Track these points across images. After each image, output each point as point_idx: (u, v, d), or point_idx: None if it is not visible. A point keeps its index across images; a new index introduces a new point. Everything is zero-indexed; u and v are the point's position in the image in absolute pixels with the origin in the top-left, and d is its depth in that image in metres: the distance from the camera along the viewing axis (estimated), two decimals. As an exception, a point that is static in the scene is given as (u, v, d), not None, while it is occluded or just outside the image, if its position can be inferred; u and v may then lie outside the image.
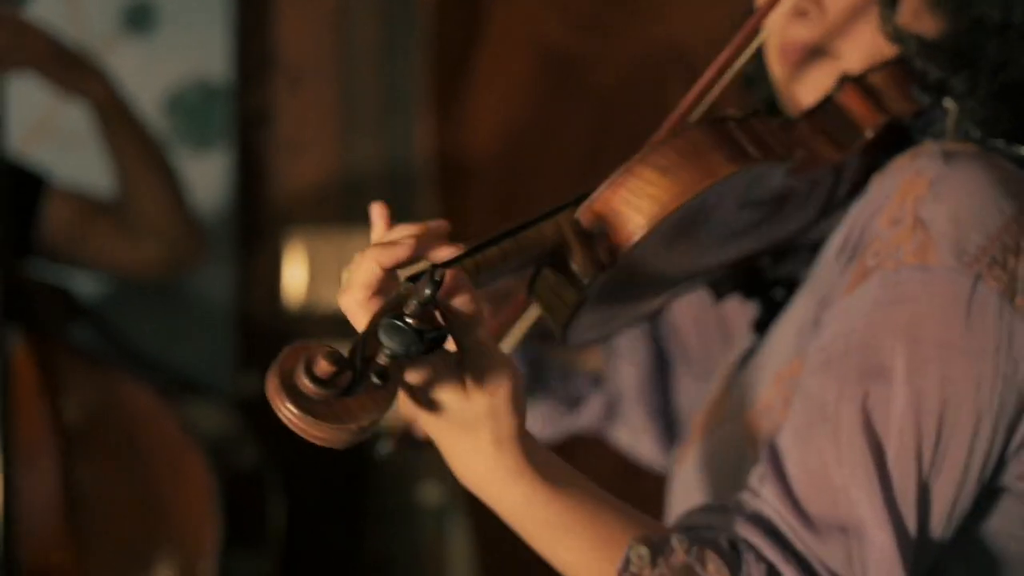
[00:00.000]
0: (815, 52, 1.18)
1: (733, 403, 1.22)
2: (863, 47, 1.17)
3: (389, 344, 0.90)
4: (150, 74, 2.29)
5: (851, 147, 1.15)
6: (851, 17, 1.17)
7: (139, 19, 2.66)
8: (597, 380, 1.53)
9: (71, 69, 2.17)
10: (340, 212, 2.74)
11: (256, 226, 2.72)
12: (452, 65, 2.67)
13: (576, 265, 1.05)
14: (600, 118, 2.66)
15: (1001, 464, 1.07)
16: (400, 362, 0.91)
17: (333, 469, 2.72)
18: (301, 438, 0.90)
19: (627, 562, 1.00)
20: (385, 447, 1.43)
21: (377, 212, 1.12)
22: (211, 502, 2.05)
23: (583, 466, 2.77)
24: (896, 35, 1.15)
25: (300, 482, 2.46)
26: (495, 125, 2.68)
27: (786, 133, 1.13)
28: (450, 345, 0.98)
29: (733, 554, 1.02)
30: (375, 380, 0.91)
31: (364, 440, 0.94)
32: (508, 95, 2.67)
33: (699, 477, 1.24)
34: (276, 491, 2.21)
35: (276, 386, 0.90)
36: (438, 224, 1.09)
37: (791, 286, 1.28)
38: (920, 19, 1.16)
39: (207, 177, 2.52)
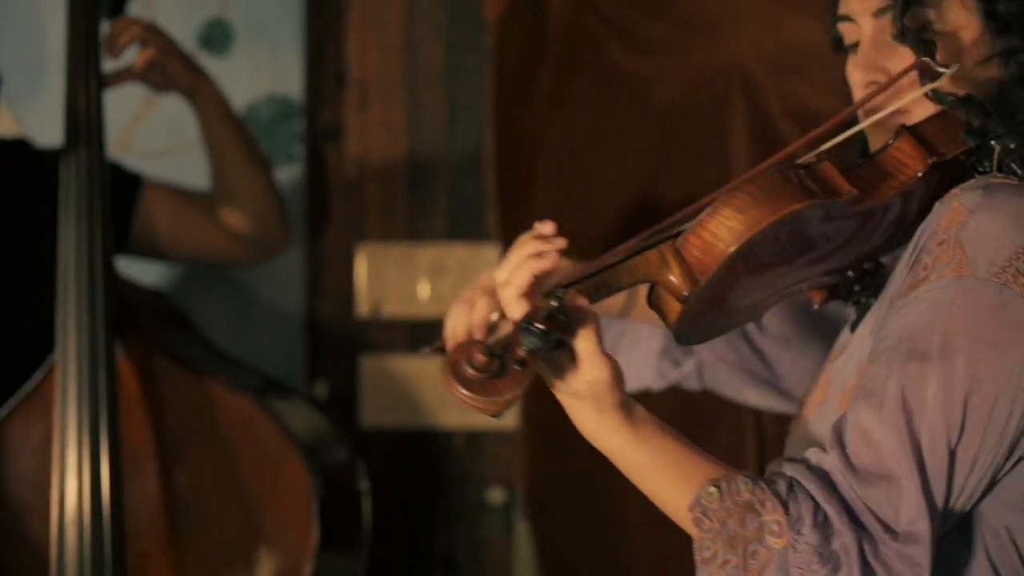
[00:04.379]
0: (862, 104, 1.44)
1: (831, 388, 1.47)
2: (927, 104, 1.42)
3: (526, 342, 1.24)
4: (226, 91, 2.39)
5: (903, 183, 1.40)
6: (914, 81, 1.41)
7: (216, 38, 2.75)
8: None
9: (188, 68, 2.30)
10: (406, 226, 2.83)
11: (326, 238, 2.81)
12: (516, 85, 2.75)
13: (677, 282, 1.34)
14: (660, 138, 2.74)
15: (1018, 440, 1.29)
16: (533, 354, 1.24)
17: (404, 471, 2.80)
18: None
19: (698, 498, 1.28)
20: (426, 350, 1.68)
21: (546, 228, 1.39)
22: (310, 504, 2.11)
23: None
24: (936, 97, 1.41)
25: (373, 483, 2.53)
26: (557, 143, 2.75)
27: (848, 174, 1.39)
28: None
29: (788, 494, 1.27)
30: (516, 367, 1.24)
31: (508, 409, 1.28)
32: (570, 114, 2.74)
33: (802, 444, 1.48)
34: (367, 491, 2.27)
35: (448, 373, 1.25)
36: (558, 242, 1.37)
37: (876, 291, 1.53)
38: (957, 83, 1.40)
39: (280, 190, 2.60)
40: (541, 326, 1.23)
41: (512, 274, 1.32)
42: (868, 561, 1.25)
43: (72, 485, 2.07)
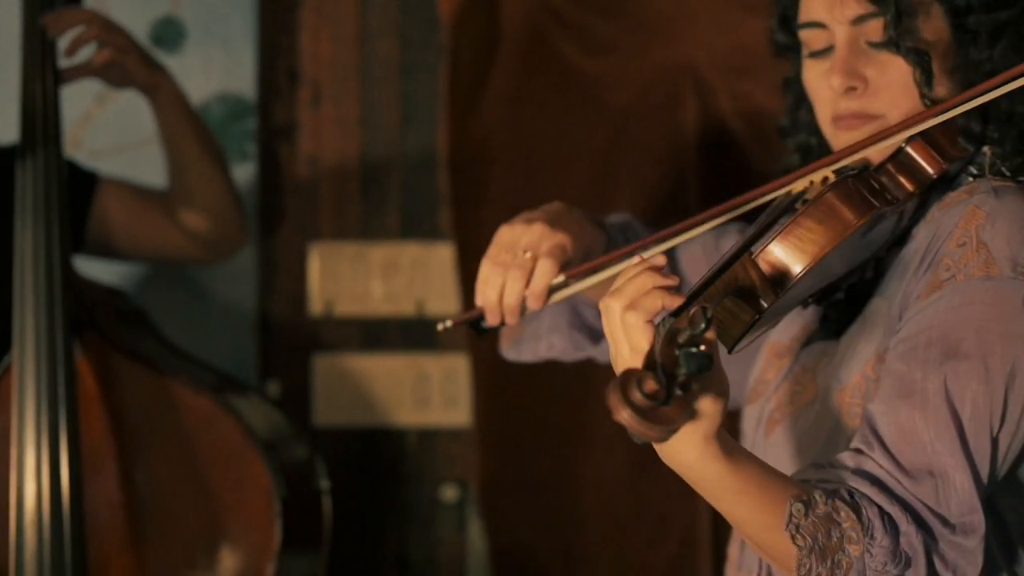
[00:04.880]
0: (864, 118, 1.47)
1: (821, 386, 1.51)
2: (904, 110, 1.46)
3: (690, 365, 1.19)
4: (179, 89, 2.37)
5: (923, 186, 1.45)
6: (891, 88, 1.46)
7: (167, 35, 2.73)
8: None
9: (147, 65, 2.27)
10: (359, 224, 2.82)
11: (279, 237, 2.80)
12: (470, 83, 2.75)
13: (760, 294, 1.37)
14: (614, 137, 2.75)
15: None
16: (693, 377, 1.21)
17: (358, 470, 2.80)
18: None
19: (791, 516, 1.29)
20: (446, 324, 1.66)
21: (658, 260, 1.34)
22: (272, 503, 2.09)
23: (597, 463, 2.84)
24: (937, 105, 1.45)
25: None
26: (512, 142, 2.75)
27: (885, 180, 1.45)
28: None
29: (853, 501, 1.30)
30: (679, 392, 1.20)
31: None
32: (525, 114, 2.75)
33: (797, 444, 1.52)
34: (327, 489, 2.24)
35: (618, 399, 1.18)
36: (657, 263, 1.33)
37: (855, 293, 1.57)
38: (951, 91, 1.46)
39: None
40: (704, 348, 1.20)
41: (640, 299, 1.28)
42: (930, 555, 1.30)
43: (31, 487, 2.04)
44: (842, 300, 1.57)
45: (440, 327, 1.68)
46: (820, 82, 1.50)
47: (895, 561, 1.30)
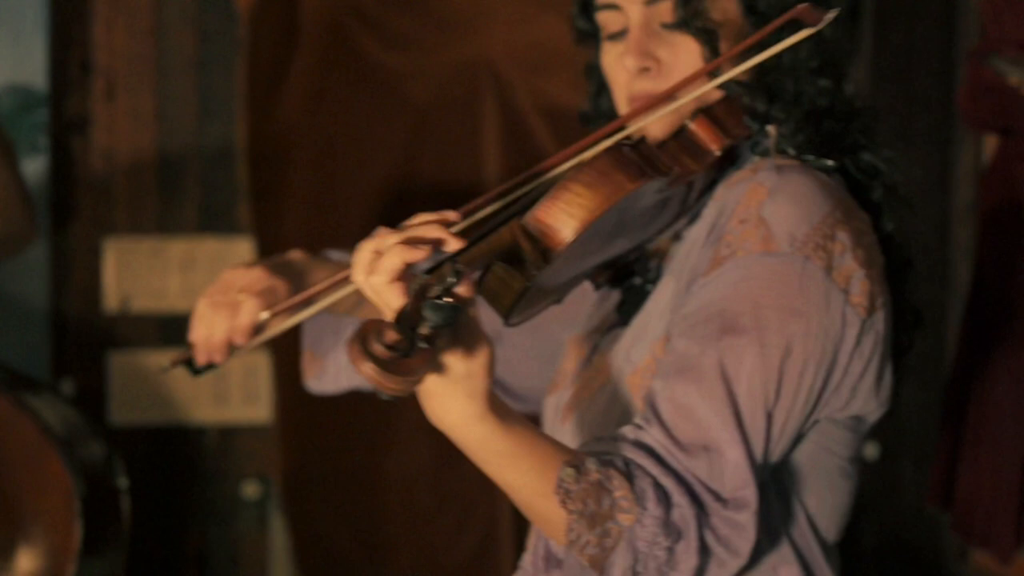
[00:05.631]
0: (658, 99, 1.46)
1: (614, 370, 1.50)
2: (696, 90, 1.46)
3: (433, 318, 1.18)
4: (-36, 79, 2.31)
5: (706, 163, 1.46)
6: (684, 69, 1.46)
7: (-47, 24, 2.65)
8: None
9: None
10: (155, 219, 2.78)
11: (72, 232, 2.74)
12: (269, 77, 2.73)
13: (529, 259, 1.33)
14: (415, 132, 2.77)
15: (819, 400, 1.38)
16: (439, 330, 1.20)
17: (156, 468, 2.75)
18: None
19: (561, 480, 1.28)
20: (165, 366, 1.65)
21: (450, 215, 1.33)
22: (72, 503, 2.04)
23: (400, 457, 2.86)
24: (725, 86, 1.45)
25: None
26: (312, 136, 2.74)
27: (664, 153, 1.44)
28: None
29: (628, 470, 1.30)
30: (423, 344, 1.19)
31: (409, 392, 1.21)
32: (325, 107, 2.74)
33: (590, 429, 1.52)
34: (126, 488, 2.21)
35: (358, 350, 1.17)
36: (448, 217, 1.33)
37: (644, 276, 1.58)
38: (735, 64, 1.45)
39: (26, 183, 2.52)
40: (448, 299, 1.18)
41: (380, 260, 1.27)
42: (702, 529, 1.29)
43: None
44: (638, 285, 1.57)
45: (160, 370, 1.70)
46: (616, 64, 1.50)
47: (666, 533, 1.28)
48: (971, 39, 2.75)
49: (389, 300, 1.25)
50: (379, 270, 1.26)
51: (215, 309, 1.57)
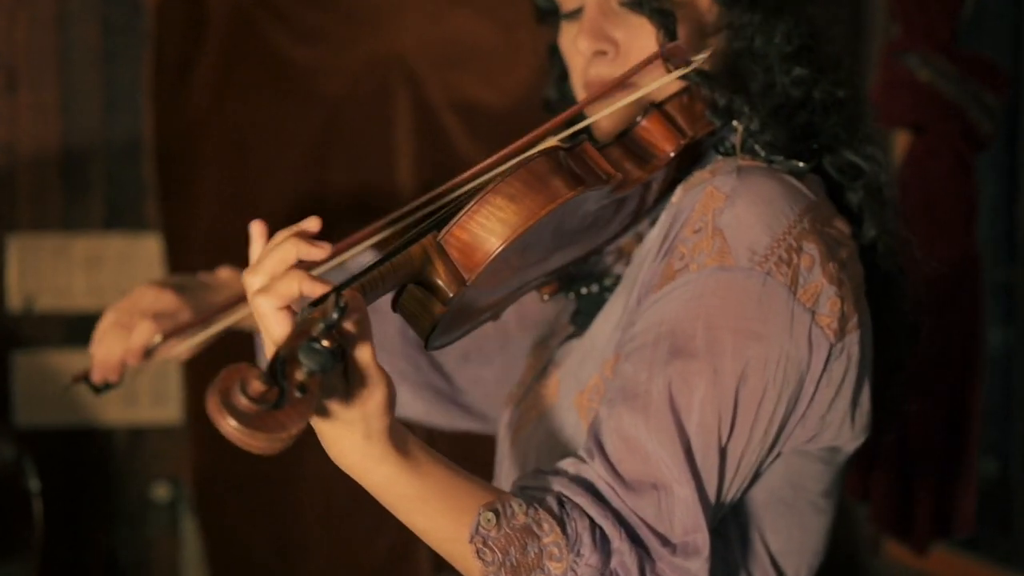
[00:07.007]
0: (615, 85, 1.29)
1: (563, 389, 1.35)
2: (655, 76, 1.29)
3: (308, 364, 1.01)
4: None
5: (657, 166, 1.29)
6: (642, 53, 1.29)
7: None
8: None
9: None
10: (60, 215, 2.71)
11: (-27, 229, 2.67)
12: (176, 70, 2.68)
13: (443, 282, 1.17)
14: (326, 127, 2.73)
15: (780, 432, 1.23)
16: (316, 377, 1.02)
17: (63, 471, 2.69)
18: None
19: (477, 526, 1.13)
20: (67, 384, 1.61)
21: (257, 230, 1.17)
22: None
23: (315, 456, 2.83)
24: (683, 76, 1.28)
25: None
26: (221, 132, 2.70)
27: (606, 158, 1.25)
28: None
29: (562, 512, 1.15)
30: (297, 394, 1.01)
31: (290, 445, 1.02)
32: (234, 102, 2.70)
33: (537, 452, 1.37)
34: (37, 490, 2.16)
35: (217, 404, 0.99)
36: (312, 225, 1.14)
37: (601, 283, 1.42)
38: (697, 51, 1.29)
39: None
40: (326, 343, 1.01)
41: (274, 282, 1.08)
42: None
43: None
44: (595, 292, 1.41)
45: (62, 388, 1.67)
46: (572, 47, 1.35)
47: None
48: (879, 38, 2.78)
49: (272, 329, 1.08)
50: (272, 291, 1.09)
51: (113, 329, 1.52)
